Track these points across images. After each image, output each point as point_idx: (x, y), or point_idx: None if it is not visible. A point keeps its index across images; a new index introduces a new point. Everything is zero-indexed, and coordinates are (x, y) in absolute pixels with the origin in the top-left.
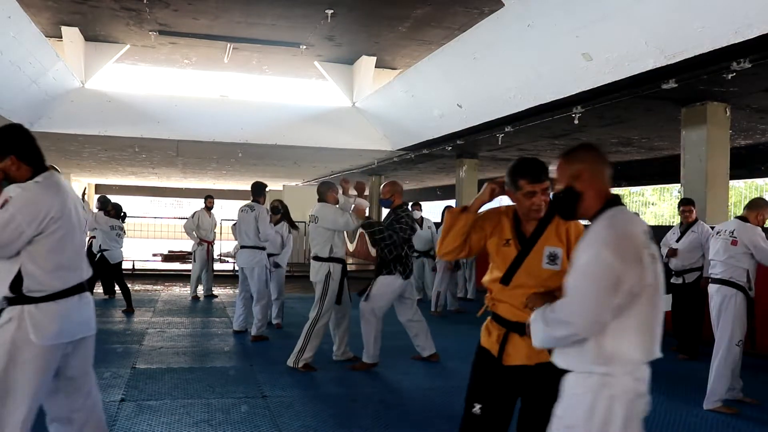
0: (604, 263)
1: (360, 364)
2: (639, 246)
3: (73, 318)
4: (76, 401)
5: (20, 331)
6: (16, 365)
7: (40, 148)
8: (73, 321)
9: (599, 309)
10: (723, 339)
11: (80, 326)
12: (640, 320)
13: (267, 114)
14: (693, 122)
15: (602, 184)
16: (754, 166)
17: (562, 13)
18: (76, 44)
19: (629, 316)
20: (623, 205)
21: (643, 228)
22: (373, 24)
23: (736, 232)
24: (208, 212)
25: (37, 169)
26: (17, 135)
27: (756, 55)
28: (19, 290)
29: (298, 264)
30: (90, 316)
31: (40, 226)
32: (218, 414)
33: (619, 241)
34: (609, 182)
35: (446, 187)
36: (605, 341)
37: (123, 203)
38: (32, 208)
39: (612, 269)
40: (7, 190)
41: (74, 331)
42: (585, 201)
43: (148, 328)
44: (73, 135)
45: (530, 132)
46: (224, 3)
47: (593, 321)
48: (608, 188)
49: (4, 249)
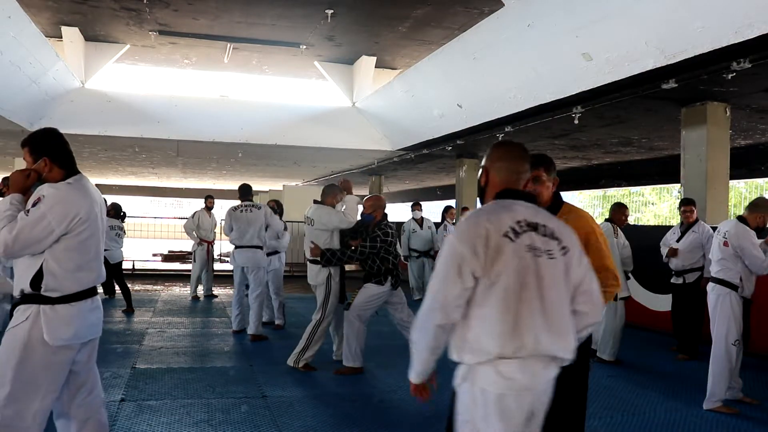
0: (451, 247)
1: (343, 368)
2: (484, 233)
3: (86, 321)
4: (78, 397)
5: (35, 330)
6: (29, 363)
7: (72, 152)
8: (85, 324)
9: (447, 290)
10: (719, 338)
11: (90, 329)
12: (500, 310)
13: (267, 114)
14: (693, 122)
15: (498, 179)
16: (754, 166)
17: (562, 13)
18: (76, 44)
19: (485, 306)
20: (513, 198)
21: (515, 218)
22: (373, 24)
23: (728, 234)
24: (208, 212)
25: (69, 171)
26: (51, 138)
27: (756, 55)
28: (38, 287)
29: (298, 264)
30: (99, 319)
31: (69, 226)
32: (218, 414)
33: (466, 227)
34: (512, 177)
35: (446, 187)
36: (465, 330)
37: (123, 203)
38: (62, 207)
39: (455, 252)
40: (39, 189)
41: (85, 333)
42: (485, 194)
43: (148, 328)
44: (73, 135)
45: (530, 132)
46: (224, 3)
47: (443, 302)
48: (506, 183)
49: (34, 246)
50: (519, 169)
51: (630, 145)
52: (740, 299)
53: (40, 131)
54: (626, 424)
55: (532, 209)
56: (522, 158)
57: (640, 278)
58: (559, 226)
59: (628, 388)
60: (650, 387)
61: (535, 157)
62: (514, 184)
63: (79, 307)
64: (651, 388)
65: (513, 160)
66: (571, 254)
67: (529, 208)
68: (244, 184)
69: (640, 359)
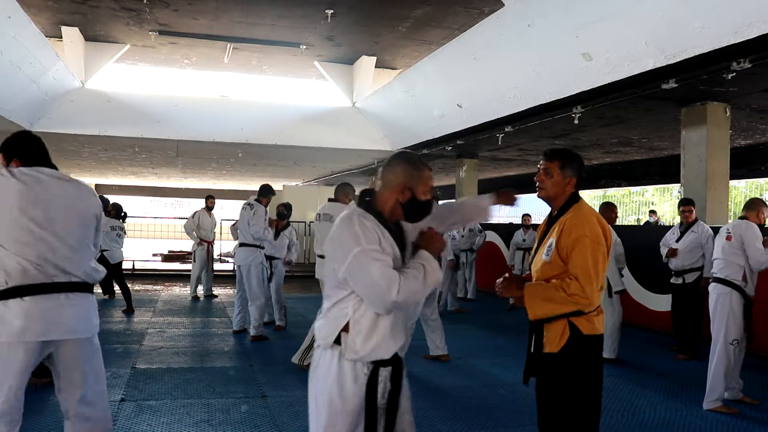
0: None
1: (430, 356)
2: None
3: (47, 317)
4: (73, 397)
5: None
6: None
7: (48, 152)
8: (46, 320)
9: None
10: (718, 338)
11: (55, 326)
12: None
13: (267, 114)
14: (693, 122)
15: (387, 188)
16: (754, 166)
17: (562, 13)
18: (76, 44)
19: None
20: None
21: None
22: (373, 24)
23: (731, 228)
24: (208, 212)
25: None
26: (21, 140)
27: (756, 55)
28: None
29: (298, 264)
30: (73, 318)
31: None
32: (218, 414)
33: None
34: (396, 186)
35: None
36: None
37: (123, 203)
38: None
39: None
40: None
41: (44, 331)
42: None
43: (148, 328)
44: (73, 135)
45: (530, 132)
46: (224, 3)
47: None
48: (394, 192)
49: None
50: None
51: (630, 145)
52: (741, 299)
53: (12, 135)
54: (626, 424)
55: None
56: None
57: (639, 278)
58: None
59: (628, 388)
60: (650, 387)
61: (553, 150)
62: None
63: (40, 302)
64: (651, 388)
65: (398, 172)
66: None
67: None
68: (264, 184)
69: (640, 359)
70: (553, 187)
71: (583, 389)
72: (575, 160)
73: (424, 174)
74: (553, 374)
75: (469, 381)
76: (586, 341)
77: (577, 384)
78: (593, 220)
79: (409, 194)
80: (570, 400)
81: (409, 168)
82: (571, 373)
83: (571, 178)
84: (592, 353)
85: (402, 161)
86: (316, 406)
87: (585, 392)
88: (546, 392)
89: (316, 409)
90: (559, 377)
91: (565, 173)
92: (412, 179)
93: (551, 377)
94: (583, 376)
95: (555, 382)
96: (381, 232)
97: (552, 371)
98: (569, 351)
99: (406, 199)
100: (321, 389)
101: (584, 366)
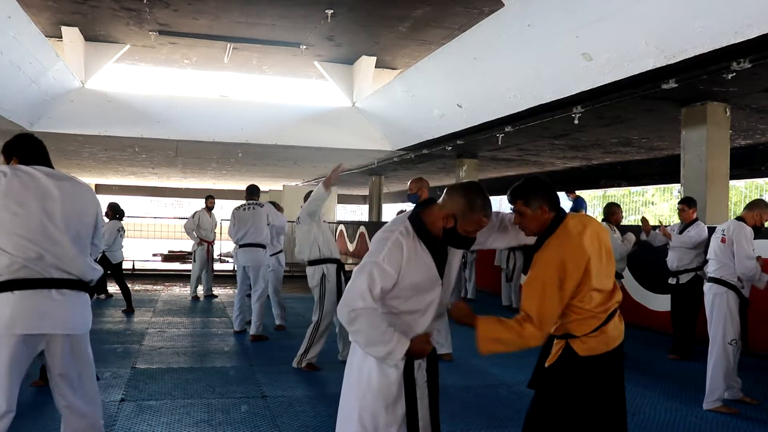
0: None
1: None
2: None
3: (38, 311)
4: (65, 393)
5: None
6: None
7: (48, 153)
8: (37, 314)
9: None
10: (716, 338)
11: (46, 321)
12: None
13: (267, 114)
14: (693, 122)
15: (441, 207)
16: (754, 166)
17: (562, 13)
18: (76, 44)
19: None
20: None
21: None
22: (373, 24)
23: (725, 230)
24: (208, 212)
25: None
26: (20, 141)
27: (756, 55)
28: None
29: (298, 264)
30: (61, 312)
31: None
32: (218, 414)
33: None
34: (447, 211)
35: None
36: None
37: (123, 203)
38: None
39: None
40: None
41: (30, 325)
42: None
43: (148, 328)
44: (73, 135)
45: (530, 132)
46: (224, 3)
47: None
48: (442, 214)
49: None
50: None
51: (630, 145)
52: (737, 298)
53: (14, 137)
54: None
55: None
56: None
57: (639, 278)
58: None
59: (628, 388)
60: (650, 387)
61: (512, 191)
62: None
63: (30, 296)
64: (651, 388)
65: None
66: None
67: None
68: (251, 185)
69: (640, 359)
70: (531, 223)
71: (568, 410)
72: (536, 188)
73: (476, 217)
74: (544, 387)
75: (469, 381)
76: (582, 362)
77: (562, 404)
78: (561, 248)
79: (452, 224)
80: (550, 418)
81: (465, 204)
82: (557, 392)
83: (541, 207)
84: (587, 374)
85: (464, 194)
86: (354, 391)
87: (569, 414)
88: (534, 402)
89: (356, 393)
90: (547, 391)
91: (532, 206)
92: (462, 214)
93: (543, 390)
94: (570, 397)
95: (543, 395)
96: (414, 254)
97: (544, 384)
98: (558, 369)
99: (449, 226)
100: (358, 377)
101: (573, 387)
